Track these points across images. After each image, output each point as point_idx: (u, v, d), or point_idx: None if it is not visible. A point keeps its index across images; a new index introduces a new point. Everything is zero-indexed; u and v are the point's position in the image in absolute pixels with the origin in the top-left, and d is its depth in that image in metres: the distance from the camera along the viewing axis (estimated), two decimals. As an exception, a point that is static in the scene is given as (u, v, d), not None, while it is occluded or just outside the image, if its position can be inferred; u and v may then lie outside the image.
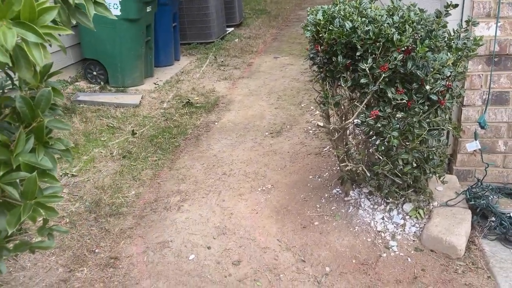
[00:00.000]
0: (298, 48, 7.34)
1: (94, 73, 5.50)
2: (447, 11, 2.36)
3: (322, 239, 2.68)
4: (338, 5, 2.43)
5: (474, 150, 2.86)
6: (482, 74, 2.67)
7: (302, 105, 4.89)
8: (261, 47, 7.51)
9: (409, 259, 2.42)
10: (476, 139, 2.59)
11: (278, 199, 3.16)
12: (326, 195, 3.11)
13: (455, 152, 2.90)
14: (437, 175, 2.54)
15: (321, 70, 2.55)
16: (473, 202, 2.57)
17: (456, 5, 2.35)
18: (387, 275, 2.35)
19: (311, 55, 2.58)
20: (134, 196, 3.37)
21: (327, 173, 3.42)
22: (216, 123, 4.61)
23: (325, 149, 3.83)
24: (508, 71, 2.64)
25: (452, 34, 2.32)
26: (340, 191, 3.08)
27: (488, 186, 2.78)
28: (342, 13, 2.31)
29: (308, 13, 2.57)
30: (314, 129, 4.26)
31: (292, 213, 2.99)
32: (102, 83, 5.47)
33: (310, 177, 3.42)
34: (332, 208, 2.94)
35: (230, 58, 6.88)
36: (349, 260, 2.49)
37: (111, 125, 4.50)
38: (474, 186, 2.73)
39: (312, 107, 4.80)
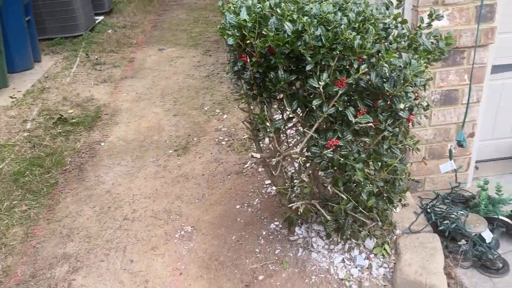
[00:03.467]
0: (183, 36, 6.50)
1: None
2: (400, 0, 1.86)
3: (275, 302, 2.09)
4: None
5: (424, 158, 2.51)
6: (430, 72, 2.27)
7: (206, 109, 4.17)
8: (141, 38, 6.50)
9: (387, 313, 1.97)
10: (451, 159, 2.21)
11: (205, 247, 2.47)
12: (264, 232, 2.51)
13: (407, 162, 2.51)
14: (403, 200, 2.11)
15: (251, 87, 1.89)
16: (441, 227, 2.20)
17: (410, -7, 1.86)
18: None
19: (236, 68, 1.89)
20: (1, 273, 2.39)
21: (257, 199, 2.81)
22: (102, 144, 3.67)
23: (246, 165, 3.21)
24: (457, 66, 2.29)
25: (415, 30, 1.83)
26: (280, 226, 2.50)
27: (438, 196, 2.45)
28: (278, 10, 1.65)
29: (224, 10, 1.86)
30: (226, 139, 3.60)
31: (227, 266, 2.33)
32: None
33: (238, 207, 2.78)
34: (276, 251, 2.35)
35: (106, 54, 5.77)
36: (317, 329, 1.95)
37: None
38: (435, 202, 2.37)
39: (217, 110, 4.11)
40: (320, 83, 1.61)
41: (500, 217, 2.21)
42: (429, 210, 2.32)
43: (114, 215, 2.81)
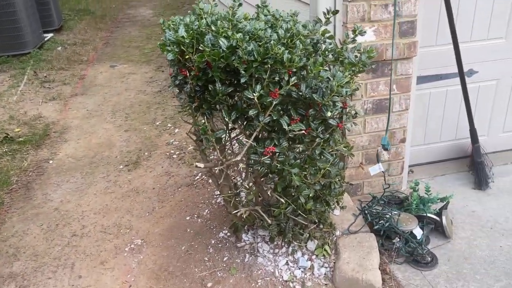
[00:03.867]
0: (136, 52, 6.52)
1: None
2: (327, 18, 2.03)
3: (222, 306, 2.16)
4: (205, 17, 1.87)
5: (361, 163, 2.68)
6: (361, 83, 2.46)
7: (157, 123, 4.21)
8: (93, 55, 6.46)
9: (327, 310, 2.08)
10: (378, 162, 2.38)
11: (155, 259, 2.50)
12: (213, 241, 2.57)
13: (343, 167, 2.67)
14: (340, 203, 2.25)
15: (192, 100, 1.98)
16: (376, 226, 2.36)
17: (336, 11, 2.03)
18: (308, 337, 1.97)
19: (177, 82, 1.98)
20: None
21: (207, 210, 2.88)
22: (51, 162, 3.62)
23: (197, 177, 3.27)
24: (385, 77, 2.49)
25: (339, 45, 1.99)
26: (228, 234, 2.58)
27: (375, 198, 2.62)
28: (217, 28, 1.76)
29: (164, 27, 1.95)
30: (178, 152, 3.66)
31: (176, 275, 2.38)
32: None
33: (188, 218, 2.83)
34: (224, 258, 2.42)
35: (55, 72, 5.70)
36: (262, 330, 2.03)
37: None
38: (371, 204, 2.53)
39: (169, 125, 4.16)
40: (254, 94, 1.72)
41: (428, 214, 2.40)
42: (366, 212, 2.47)
43: (62, 232, 2.79)
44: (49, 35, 7.25)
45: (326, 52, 1.90)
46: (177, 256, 2.51)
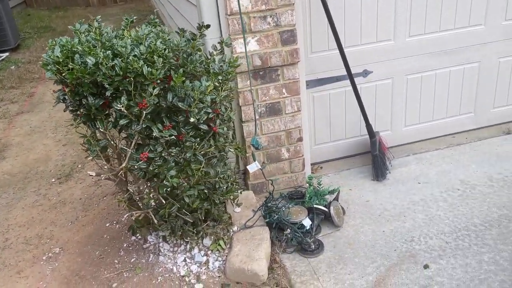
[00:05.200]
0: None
1: None
2: (201, 32, 2.22)
3: (123, 304, 2.32)
4: (79, 37, 2.05)
5: (263, 162, 2.87)
6: (252, 89, 2.66)
7: (95, 137, 4.35)
8: (45, 72, 6.56)
9: (217, 299, 2.26)
10: (254, 160, 2.57)
11: (69, 265, 2.65)
12: (125, 245, 2.73)
13: (230, 168, 2.85)
14: (230, 200, 2.43)
15: (76, 113, 2.15)
16: (268, 219, 2.55)
17: (208, 26, 2.23)
18: (197, 326, 2.14)
19: (62, 97, 2.15)
20: None
21: (125, 216, 3.03)
22: (-14, 179, 3.74)
23: (122, 186, 3.42)
24: (274, 82, 2.69)
25: (209, 57, 2.19)
26: (140, 237, 2.74)
27: (281, 195, 2.82)
28: (83, 47, 1.94)
29: (48, 48, 2.12)
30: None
31: (87, 279, 2.53)
32: None
33: (107, 225, 2.99)
34: (132, 260, 2.59)
35: (5, 91, 5.81)
36: (154, 322, 2.19)
37: None
38: (267, 200, 2.72)
39: (106, 137, 4.31)
40: (119, 106, 1.90)
41: (315, 206, 2.59)
42: (263, 208, 2.66)
43: (-14, 245, 2.91)
44: (4, 55, 7.37)
45: (194, 63, 2.08)
46: (90, 261, 2.66)
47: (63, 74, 2.00)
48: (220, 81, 2.10)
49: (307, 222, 2.51)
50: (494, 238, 2.42)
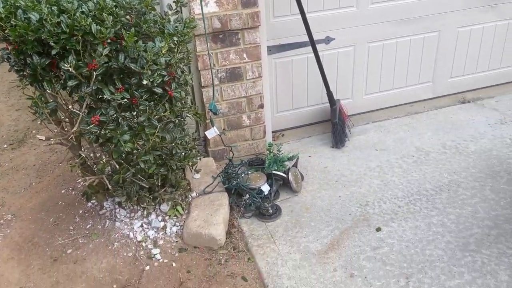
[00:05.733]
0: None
1: None
2: (155, -9, 2.12)
3: (77, 270, 2.28)
4: (22, -9, 1.91)
5: (224, 129, 2.84)
6: (212, 53, 2.59)
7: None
8: None
9: (174, 264, 2.25)
10: (213, 126, 2.53)
11: (21, 232, 2.58)
12: (81, 211, 2.68)
13: (188, 134, 2.81)
14: (189, 166, 2.40)
15: (22, 74, 2.03)
16: (227, 185, 2.55)
17: (162, -16, 2.12)
18: (153, 290, 2.14)
19: (5, 56, 2.02)
20: None
21: (82, 183, 2.96)
22: None
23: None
24: (234, 46, 2.63)
25: (164, 17, 2.10)
26: (96, 204, 2.69)
27: (242, 162, 2.82)
28: (26, 2, 1.81)
29: (-11, 3, 1.97)
30: (66, 128, 3.67)
31: (40, 245, 2.47)
32: None
33: (63, 191, 2.91)
34: (88, 226, 2.54)
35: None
36: (110, 287, 2.17)
37: None
38: (227, 167, 2.71)
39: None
40: (66, 66, 1.80)
41: (274, 172, 2.61)
42: (223, 174, 2.65)
43: None
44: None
45: (148, 23, 1.99)
46: (44, 227, 2.59)
47: (6, 31, 1.87)
48: (175, 42, 2.03)
49: (265, 188, 2.53)
50: (443, 202, 2.52)
